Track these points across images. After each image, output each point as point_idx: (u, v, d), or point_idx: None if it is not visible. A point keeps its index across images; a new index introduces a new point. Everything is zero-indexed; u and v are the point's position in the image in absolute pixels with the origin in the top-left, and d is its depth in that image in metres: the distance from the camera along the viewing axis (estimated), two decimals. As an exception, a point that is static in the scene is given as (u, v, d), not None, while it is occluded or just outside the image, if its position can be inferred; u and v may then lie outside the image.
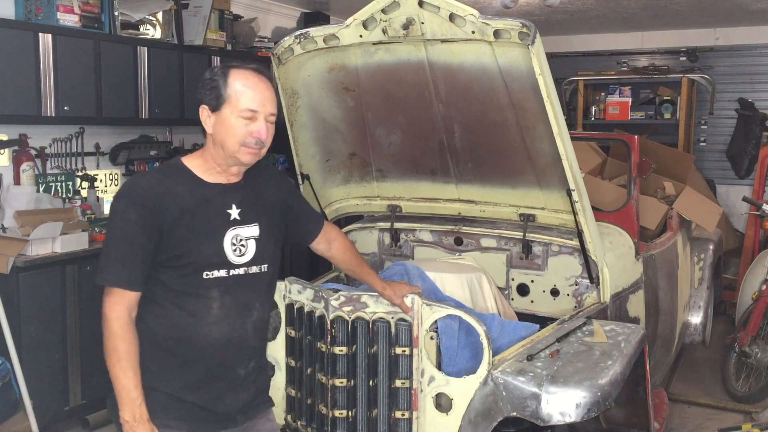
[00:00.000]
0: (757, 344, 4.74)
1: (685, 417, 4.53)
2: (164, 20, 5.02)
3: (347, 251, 2.72)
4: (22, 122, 4.38)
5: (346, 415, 2.72)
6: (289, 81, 3.37)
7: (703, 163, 7.53)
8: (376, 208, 3.95)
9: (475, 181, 3.62)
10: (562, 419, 2.43)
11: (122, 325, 2.08)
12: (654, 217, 4.56)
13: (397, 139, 3.57)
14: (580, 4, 6.29)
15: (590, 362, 2.61)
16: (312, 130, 3.58)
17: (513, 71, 2.93)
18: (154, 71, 4.91)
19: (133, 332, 2.10)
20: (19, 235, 3.99)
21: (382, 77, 3.26)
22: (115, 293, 2.09)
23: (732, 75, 7.45)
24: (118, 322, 2.07)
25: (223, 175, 2.26)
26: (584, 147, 5.30)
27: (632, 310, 3.65)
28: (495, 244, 3.63)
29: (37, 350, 3.98)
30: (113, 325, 2.07)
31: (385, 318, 2.68)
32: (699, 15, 6.75)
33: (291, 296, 2.89)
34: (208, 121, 2.24)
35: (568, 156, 2.97)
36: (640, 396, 3.13)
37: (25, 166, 4.42)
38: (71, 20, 4.37)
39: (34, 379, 3.92)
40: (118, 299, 2.09)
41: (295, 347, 2.89)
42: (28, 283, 3.93)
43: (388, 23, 2.95)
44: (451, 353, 2.76)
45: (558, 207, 3.47)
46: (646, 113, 7.46)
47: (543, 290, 3.54)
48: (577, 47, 8.15)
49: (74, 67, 4.40)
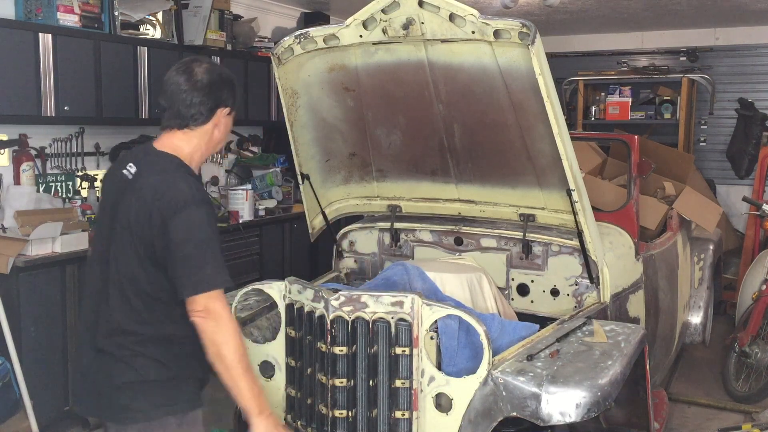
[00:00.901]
0: (757, 344, 4.74)
1: (685, 417, 4.53)
2: (164, 20, 5.02)
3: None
4: (22, 122, 4.38)
5: (346, 415, 2.72)
6: (289, 81, 3.37)
7: (703, 163, 7.53)
8: (376, 208, 3.95)
9: (475, 181, 3.62)
10: (562, 419, 2.43)
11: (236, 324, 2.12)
12: (654, 217, 4.56)
13: (397, 139, 3.57)
14: (580, 4, 6.29)
15: (590, 362, 2.61)
16: (312, 130, 3.58)
17: (513, 71, 2.93)
18: (154, 71, 4.91)
19: None
20: (19, 235, 3.99)
21: (382, 77, 3.26)
22: (222, 295, 2.08)
23: (732, 75, 7.45)
24: (234, 322, 2.10)
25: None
26: (584, 147, 5.30)
27: (632, 310, 3.65)
28: (495, 244, 3.63)
29: (37, 350, 3.98)
30: (234, 326, 2.08)
31: (385, 318, 2.68)
32: (699, 15, 6.75)
33: (291, 296, 2.89)
34: (221, 122, 2.25)
35: (568, 156, 2.97)
36: (640, 396, 3.13)
37: (25, 166, 4.42)
38: (71, 20, 4.37)
39: (34, 379, 3.92)
40: (225, 300, 2.10)
41: (295, 347, 2.89)
42: (28, 283, 3.93)
43: (388, 23, 2.95)
44: (451, 353, 2.76)
45: (558, 207, 3.47)
46: (646, 113, 7.45)
47: (543, 290, 3.54)
48: (577, 47, 8.15)
49: (74, 67, 4.40)
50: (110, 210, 2.24)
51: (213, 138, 2.23)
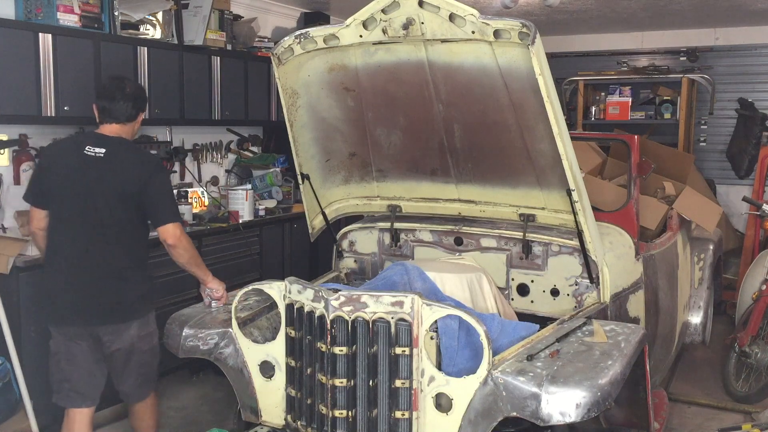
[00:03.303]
0: (757, 344, 4.74)
1: (685, 417, 4.53)
2: (164, 20, 5.02)
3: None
4: (22, 122, 4.38)
5: (346, 415, 2.72)
6: (289, 81, 3.37)
7: (703, 163, 7.53)
8: (376, 208, 3.96)
9: (475, 181, 3.63)
10: (562, 419, 2.43)
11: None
12: (654, 217, 4.56)
13: (397, 139, 3.58)
14: (580, 4, 6.29)
15: (590, 362, 2.61)
16: (312, 130, 3.58)
17: (513, 71, 2.93)
18: (154, 71, 4.91)
19: None
20: (19, 235, 3.99)
21: (382, 77, 3.26)
22: (180, 225, 3.32)
23: (732, 75, 7.45)
24: (188, 238, 3.37)
25: None
26: (584, 147, 5.30)
27: (632, 310, 3.66)
28: (495, 244, 3.63)
29: (37, 350, 3.98)
30: (189, 241, 3.37)
31: (385, 318, 2.68)
32: (699, 15, 6.75)
33: (291, 296, 2.89)
34: (140, 120, 3.48)
35: (568, 156, 2.98)
36: (640, 396, 3.13)
37: (25, 166, 4.42)
38: (71, 20, 4.37)
39: (34, 379, 3.92)
40: (182, 228, 3.35)
41: (295, 347, 2.89)
42: (28, 283, 3.93)
43: (388, 23, 2.96)
44: (451, 353, 2.76)
45: (558, 207, 3.47)
46: (646, 113, 7.46)
47: (543, 290, 3.54)
48: (577, 47, 8.15)
49: (74, 67, 4.40)
50: (82, 178, 3.24)
51: (135, 130, 3.47)
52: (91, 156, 3.26)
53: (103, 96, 3.37)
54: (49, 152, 3.62)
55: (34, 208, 3.39)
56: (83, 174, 3.26)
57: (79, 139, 3.44)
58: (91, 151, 3.27)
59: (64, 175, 3.29)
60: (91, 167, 3.25)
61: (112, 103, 3.33)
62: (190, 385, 4.97)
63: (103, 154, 3.26)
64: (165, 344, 3.23)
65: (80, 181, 3.26)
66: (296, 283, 2.89)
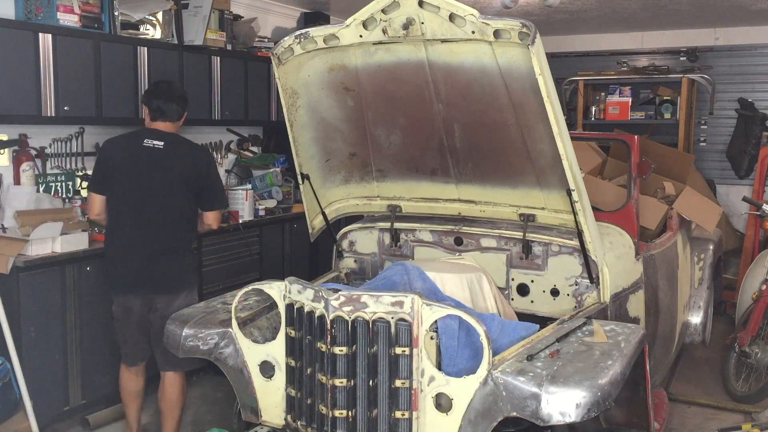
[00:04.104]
0: (757, 344, 4.74)
1: (685, 417, 4.53)
2: (164, 20, 5.02)
3: None
4: (22, 122, 4.38)
5: (346, 415, 2.72)
6: (289, 81, 3.37)
7: (703, 163, 7.53)
8: (376, 208, 3.96)
9: (475, 181, 3.63)
10: (562, 419, 2.42)
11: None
12: (654, 217, 4.56)
13: (397, 139, 3.57)
14: (580, 4, 6.29)
15: (590, 362, 2.61)
16: (312, 130, 3.58)
17: (513, 71, 2.93)
18: (154, 71, 4.91)
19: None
20: (19, 235, 3.99)
21: (382, 77, 3.26)
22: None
23: (732, 75, 7.45)
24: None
25: None
26: (584, 147, 5.30)
27: (632, 310, 3.66)
28: (495, 244, 3.63)
29: (37, 350, 3.98)
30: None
31: (385, 318, 2.68)
32: (699, 15, 6.75)
33: (291, 296, 2.89)
34: (184, 119, 3.95)
35: (568, 156, 2.97)
36: (640, 396, 3.13)
37: (25, 166, 4.42)
38: (71, 20, 4.37)
39: (34, 379, 3.92)
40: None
41: (295, 347, 2.89)
42: (28, 283, 3.93)
43: (388, 23, 2.95)
44: (451, 353, 2.76)
45: (558, 207, 3.47)
46: (646, 113, 7.45)
47: (543, 290, 3.54)
48: (577, 47, 8.15)
49: (74, 67, 4.40)
50: (146, 168, 3.69)
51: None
52: (150, 147, 3.70)
53: (157, 98, 3.79)
54: (108, 146, 3.87)
55: (94, 195, 3.80)
56: (144, 163, 3.70)
57: (136, 134, 3.82)
58: (150, 143, 3.71)
59: (126, 164, 3.72)
60: (151, 157, 3.70)
61: (167, 104, 3.77)
62: (190, 385, 4.96)
63: (162, 146, 3.71)
64: (165, 344, 3.23)
65: (141, 169, 3.70)
66: (296, 283, 2.89)
